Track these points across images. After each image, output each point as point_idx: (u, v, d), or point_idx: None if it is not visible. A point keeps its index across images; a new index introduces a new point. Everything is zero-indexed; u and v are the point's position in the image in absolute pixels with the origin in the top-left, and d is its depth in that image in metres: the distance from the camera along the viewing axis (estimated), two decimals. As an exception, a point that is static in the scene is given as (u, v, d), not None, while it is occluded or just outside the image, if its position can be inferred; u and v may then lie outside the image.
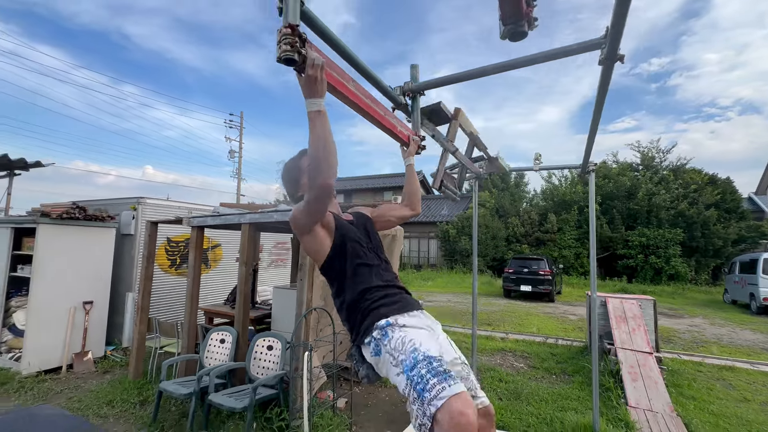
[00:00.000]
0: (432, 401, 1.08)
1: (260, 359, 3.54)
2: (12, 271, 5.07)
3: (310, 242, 1.37)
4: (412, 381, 1.16)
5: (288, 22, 0.95)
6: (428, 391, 1.10)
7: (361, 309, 1.38)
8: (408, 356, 1.21)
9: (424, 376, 1.14)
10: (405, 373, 1.19)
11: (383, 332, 1.32)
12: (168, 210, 6.01)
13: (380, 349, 1.31)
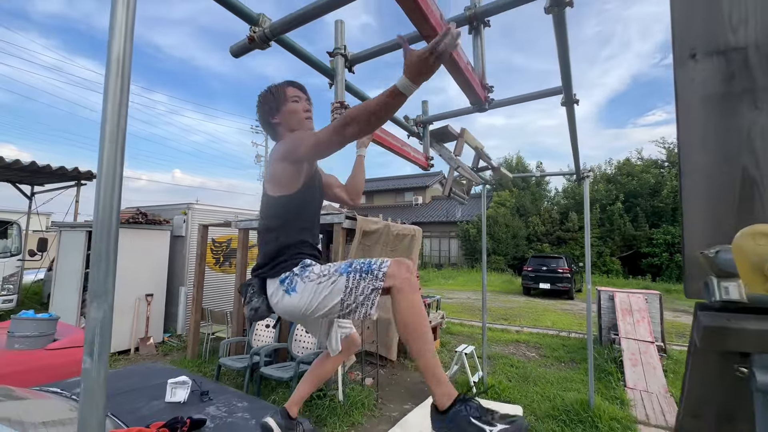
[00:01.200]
0: (380, 268, 1.19)
1: (300, 341, 4.18)
2: (87, 268, 5.96)
3: (289, 171, 1.34)
4: (354, 270, 1.21)
5: (338, 100, 1.53)
6: (374, 264, 1.20)
7: (289, 253, 1.35)
8: (339, 266, 1.26)
9: (363, 264, 1.23)
10: (343, 273, 1.22)
11: (303, 268, 1.31)
12: (213, 214, 6.79)
13: (297, 283, 1.29)
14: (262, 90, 1.54)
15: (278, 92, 1.51)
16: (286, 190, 1.37)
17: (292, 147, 1.30)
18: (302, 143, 1.26)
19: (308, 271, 1.30)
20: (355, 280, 1.20)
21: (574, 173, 3.80)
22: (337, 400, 3.65)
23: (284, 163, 1.34)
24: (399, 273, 1.18)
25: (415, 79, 0.95)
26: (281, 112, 1.49)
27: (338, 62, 1.57)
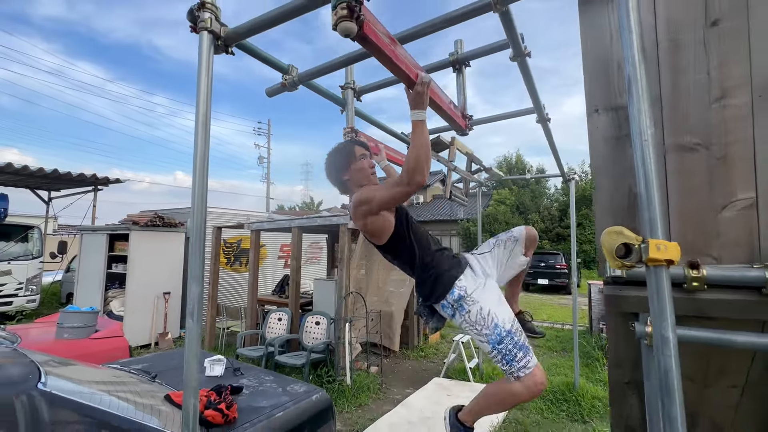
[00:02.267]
0: (521, 369, 1.37)
1: (310, 332, 4.56)
2: (108, 269, 6.36)
3: (375, 221, 1.50)
4: (501, 353, 1.40)
5: (349, 125, 1.90)
6: (517, 362, 1.38)
7: (429, 273, 1.55)
8: (492, 332, 1.43)
9: (511, 350, 1.40)
10: (492, 345, 1.42)
11: (459, 305, 1.49)
12: (225, 216, 7.18)
13: (457, 317, 1.51)
14: (331, 150, 1.70)
15: (348, 152, 1.65)
16: (386, 233, 1.54)
17: (365, 207, 1.48)
18: (370, 204, 1.47)
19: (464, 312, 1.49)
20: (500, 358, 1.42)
21: (561, 176, 4.16)
22: (345, 384, 4.03)
23: (366, 219, 1.51)
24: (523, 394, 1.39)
25: (417, 108, 1.32)
26: (350, 170, 1.63)
27: (348, 94, 1.94)
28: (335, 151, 1.69)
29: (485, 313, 1.47)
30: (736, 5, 1.01)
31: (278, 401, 1.99)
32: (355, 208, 1.53)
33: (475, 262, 1.71)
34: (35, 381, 1.27)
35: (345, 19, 0.92)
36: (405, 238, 1.56)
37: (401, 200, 1.47)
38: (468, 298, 1.50)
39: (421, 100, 1.31)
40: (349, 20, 0.93)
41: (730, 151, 1.04)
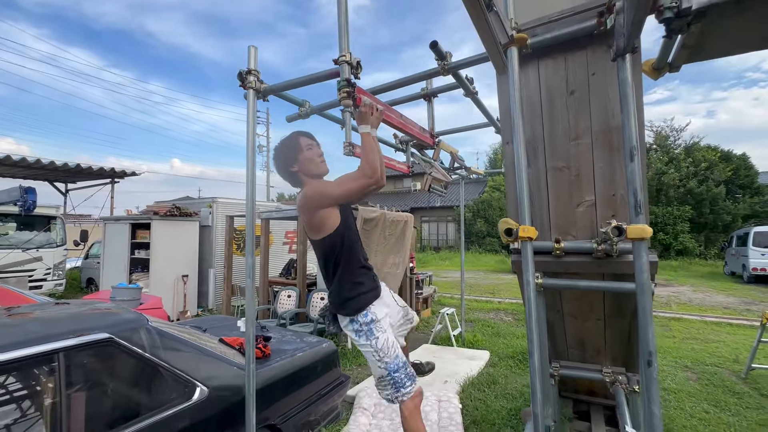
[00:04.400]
0: (405, 394, 1.67)
1: (316, 306, 5.28)
2: (131, 254, 7.04)
3: (322, 215, 1.57)
4: (394, 380, 1.66)
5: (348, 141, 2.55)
6: (404, 387, 1.67)
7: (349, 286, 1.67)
8: (392, 360, 1.66)
9: (402, 379, 1.67)
10: (389, 371, 1.65)
11: (369, 328, 1.65)
12: (235, 207, 7.83)
13: (363, 340, 1.68)
14: (278, 144, 1.81)
15: (293, 144, 1.73)
16: (326, 229, 1.62)
17: (317, 201, 1.58)
18: (324, 198, 1.57)
19: (373, 338, 1.64)
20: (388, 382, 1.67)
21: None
22: (347, 348, 4.76)
23: (316, 211, 1.60)
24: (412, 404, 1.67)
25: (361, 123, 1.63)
26: (299, 161, 1.71)
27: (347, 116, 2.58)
28: (281, 145, 1.77)
29: (390, 343, 1.66)
30: (582, 83, 1.65)
31: (298, 346, 2.70)
32: (305, 200, 1.60)
33: (388, 294, 1.87)
34: (146, 320, 1.95)
35: (345, 98, 1.57)
36: (338, 244, 1.63)
37: (358, 194, 1.55)
38: (378, 324, 1.65)
39: (363, 118, 1.60)
40: (347, 98, 1.57)
41: (581, 171, 1.70)
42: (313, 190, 1.60)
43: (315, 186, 1.63)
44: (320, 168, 1.74)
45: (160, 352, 1.86)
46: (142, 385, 1.86)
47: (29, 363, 1.49)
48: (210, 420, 1.91)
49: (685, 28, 1.39)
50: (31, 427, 1.45)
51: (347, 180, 1.57)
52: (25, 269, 7.84)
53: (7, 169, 7.96)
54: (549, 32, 1.62)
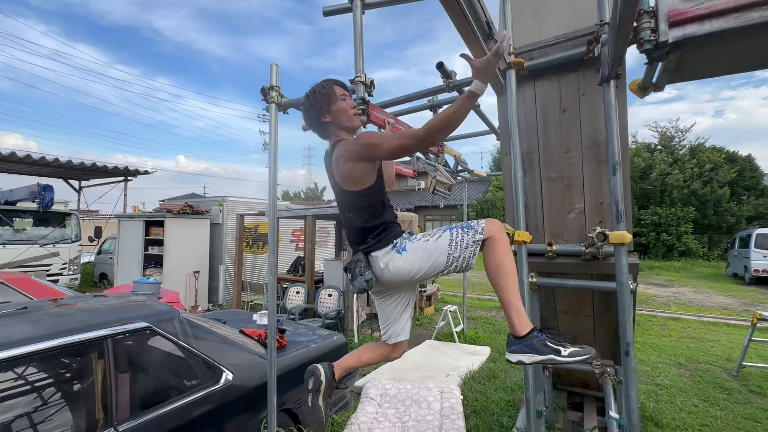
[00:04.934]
0: (479, 224, 1.41)
1: (324, 302, 5.49)
2: (145, 250, 7.29)
3: (366, 168, 1.44)
4: (457, 228, 1.43)
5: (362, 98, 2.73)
6: (473, 222, 1.42)
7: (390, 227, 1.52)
8: (441, 229, 1.46)
9: (462, 223, 1.46)
10: (445, 230, 1.44)
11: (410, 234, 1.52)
12: (244, 205, 8.05)
13: (406, 244, 1.45)
14: (308, 91, 1.62)
15: (327, 92, 1.56)
16: (366, 182, 1.47)
17: (370, 148, 1.40)
18: (381, 146, 1.38)
19: (414, 237, 1.49)
20: (458, 235, 1.40)
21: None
22: (354, 342, 4.97)
23: (358, 162, 1.43)
24: (494, 227, 1.41)
25: (485, 80, 1.24)
26: (332, 111, 1.55)
27: (357, 126, 2.76)
28: (313, 92, 1.60)
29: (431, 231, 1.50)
30: (574, 102, 1.83)
31: (311, 338, 2.91)
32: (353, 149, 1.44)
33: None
34: (178, 312, 2.16)
35: (360, 114, 1.76)
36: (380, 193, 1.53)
37: (408, 151, 1.42)
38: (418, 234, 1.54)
39: (490, 69, 1.24)
40: (362, 115, 1.76)
41: (572, 181, 1.88)
42: (364, 142, 1.43)
43: (370, 136, 1.48)
44: (353, 121, 1.61)
45: (191, 340, 2.07)
46: (177, 369, 2.07)
47: (84, 347, 1.71)
48: (235, 402, 2.12)
49: (664, 57, 1.57)
50: (86, 401, 1.66)
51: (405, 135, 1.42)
52: (43, 264, 8.12)
53: (25, 167, 8.24)
54: (544, 56, 1.80)
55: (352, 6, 1.82)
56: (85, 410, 1.65)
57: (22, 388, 1.58)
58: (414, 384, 3.70)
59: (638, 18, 1.49)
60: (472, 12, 1.39)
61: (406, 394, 3.50)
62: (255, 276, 7.94)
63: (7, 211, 8.00)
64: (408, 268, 1.45)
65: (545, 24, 1.91)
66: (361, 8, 1.82)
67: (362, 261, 1.51)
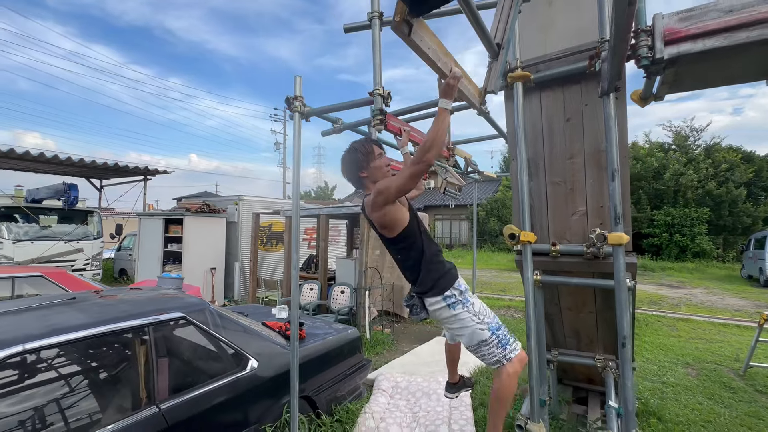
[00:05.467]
0: (512, 351, 1.68)
1: (336, 299, 5.68)
2: (164, 247, 7.58)
3: (392, 212, 1.58)
4: (498, 337, 1.66)
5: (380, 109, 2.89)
6: (509, 344, 1.68)
7: (436, 267, 1.67)
8: (492, 320, 1.71)
9: (506, 336, 1.72)
10: (491, 331, 1.66)
11: (464, 296, 1.67)
12: (259, 204, 8.29)
13: (459, 307, 1.65)
14: (350, 148, 1.82)
15: (367, 150, 1.76)
16: (400, 223, 1.64)
17: (384, 196, 1.57)
18: (390, 189, 1.54)
19: (469, 304, 1.69)
20: (494, 343, 1.67)
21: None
22: (365, 338, 5.14)
23: (384, 208, 1.60)
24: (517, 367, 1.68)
25: (444, 97, 1.47)
26: (369, 168, 1.75)
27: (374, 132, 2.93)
28: (354, 149, 1.78)
29: (484, 306, 1.74)
30: (577, 111, 1.96)
31: (327, 331, 3.08)
32: (374, 199, 1.60)
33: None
34: (208, 304, 2.35)
35: (378, 124, 1.91)
36: (416, 234, 1.67)
37: (415, 180, 1.53)
38: (469, 292, 1.72)
39: (450, 91, 1.46)
40: (380, 125, 1.91)
41: (575, 186, 2.01)
42: (380, 188, 1.59)
43: (381, 183, 1.62)
44: (386, 176, 1.76)
45: (220, 330, 2.26)
46: (208, 356, 2.26)
47: (129, 333, 1.90)
48: (260, 387, 2.30)
49: (661, 71, 1.69)
50: (132, 381, 1.86)
51: (399, 173, 1.60)
52: (68, 259, 8.48)
53: (51, 167, 8.61)
54: (549, 69, 1.93)
55: (371, 24, 1.97)
56: (131, 390, 1.84)
57: (77, 368, 1.79)
58: (424, 377, 3.85)
59: (636, 36, 1.62)
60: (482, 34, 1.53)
61: (417, 386, 3.65)
62: (269, 273, 8.17)
63: (34, 209, 8.38)
64: (451, 323, 1.72)
65: (551, 38, 2.04)
66: (378, 26, 1.97)
67: (417, 305, 1.77)
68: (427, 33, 1.24)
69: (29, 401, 1.59)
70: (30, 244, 8.04)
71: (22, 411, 1.55)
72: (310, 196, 36.05)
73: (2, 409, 1.50)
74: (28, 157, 7.35)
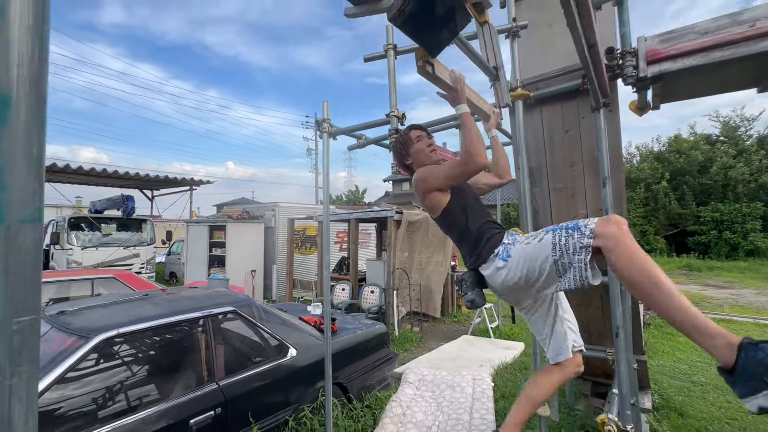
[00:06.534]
0: (587, 225, 1.21)
1: (367, 298, 6.01)
2: (209, 252, 8.25)
3: (430, 197, 1.58)
4: (560, 228, 1.27)
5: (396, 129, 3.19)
6: (581, 222, 1.24)
7: (484, 236, 1.51)
8: (543, 231, 1.34)
9: (569, 223, 1.28)
10: (549, 231, 1.30)
11: (510, 236, 1.49)
12: (293, 210, 8.82)
13: (510, 250, 1.41)
14: (394, 141, 1.89)
15: (405, 139, 1.80)
16: (441, 206, 1.60)
17: (425, 186, 1.59)
18: (428, 182, 1.57)
19: (516, 239, 1.46)
20: (562, 237, 1.24)
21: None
22: (394, 335, 5.43)
23: (429, 194, 1.60)
24: (606, 230, 1.15)
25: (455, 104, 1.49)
26: (411, 155, 1.78)
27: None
28: (396, 142, 1.87)
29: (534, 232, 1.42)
30: (574, 124, 2.15)
31: (357, 326, 3.40)
32: (416, 185, 1.63)
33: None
34: (254, 300, 2.74)
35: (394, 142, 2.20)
36: (455, 212, 1.60)
37: (459, 179, 1.53)
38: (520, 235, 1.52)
39: (458, 96, 1.47)
40: (396, 143, 2.20)
41: (575, 191, 2.20)
42: (420, 176, 1.63)
43: (422, 171, 1.64)
44: (430, 158, 1.77)
45: (264, 322, 2.64)
46: (255, 344, 2.64)
47: (191, 322, 2.31)
48: (299, 372, 2.65)
49: (648, 87, 1.87)
50: (196, 362, 2.26)
51: (450, 166, 1.58)
52: (126, 264, 9.41)
53: (110, 180, 9.60)
54: (548, 87, 2.15)
55: (386, 55, 2.27)
56: (196, 369, 2.24)
57: (156, 348, 2.21)
58: (449, 372, 4.08)
59: (622, 57, 1.82)
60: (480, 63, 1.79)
61: (442, 379, 3.89)
62: (304, 274, 8.67)
63: (97, 218, 9.38)
64: (512, 275, 1.37)
65: (551, 57, 2.25)
66: (393, 56, 2.26)
67: (467, 280, 1.58)
68: (442, 66, 1.49)
69: (122, 374, 2.02)
70: (95, 250, 9.01)
71: (116, 381, 1.97)
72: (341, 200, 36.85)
73: (104, 377, 1.93)
74: (93, 173, 8.29)
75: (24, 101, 0.40)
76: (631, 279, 1.08)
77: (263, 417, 2.32)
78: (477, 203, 1.70)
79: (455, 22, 1.19)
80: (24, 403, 0.39)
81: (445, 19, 1.15)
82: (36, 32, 0.41)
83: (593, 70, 1.50)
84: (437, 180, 1.56)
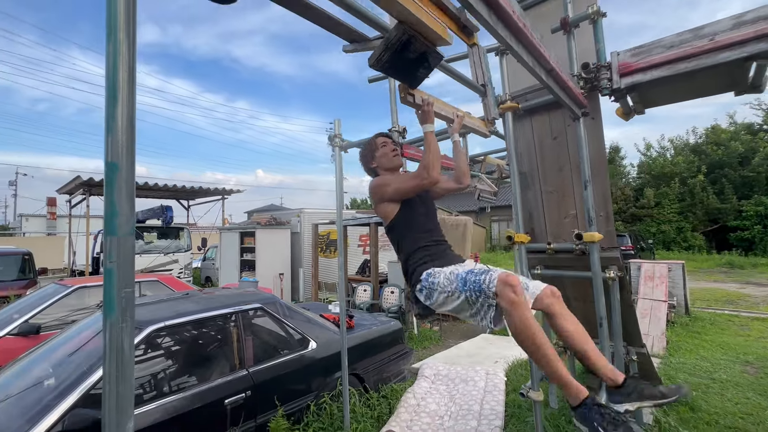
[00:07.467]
0: (489, 286, 1.35)
1: (387, 299, 6.27)
2: (241, 257, 8.78)
3: (387, 208, 1.67)
4: (470, 289, 1.40)
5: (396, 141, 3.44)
6: (483, 284, 1.37)
7: (411, 264, 1.65)
8: (457, 282, 1.46)
9: (474, 280, 1.41)
10: (462, 292, 1.42)
11: (429, 281, 1.54)
12: (318, 215, 9.23)
13: (432, 294, 1.53)
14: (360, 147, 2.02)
15: (370, 144, 1.91)
16: (389, 217, 1.71)
17: (379, 194, 1.70)
18: (383, 190, 1.68)
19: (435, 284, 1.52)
20: (472, 298, 1.41)
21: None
22: (414, 334, 5.66)
23: (382, 203, 1.71)
24: (505, 295, 1.31)
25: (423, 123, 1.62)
26: (376, 158, 1.86)
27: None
28: (363, 147, 1.99)
29: (447, 272, 1.53)
30: (561, 131, 2.33)
31: (373, 322, 3.67)
32: (370, 193, 1.74)
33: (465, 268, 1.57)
34: (279, 298, 3.06)
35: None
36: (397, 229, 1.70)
37: (413, 191, 1.64)
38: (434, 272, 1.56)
39: (426, 117, 1.61)
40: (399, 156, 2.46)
41: (565, 193, 2.37)
42: (374, 185, 1.73)
43: (376, 180, 1.75)
44: (393, 162, 1.86)
45: (288, 318, 2.95)
46: (279, 336, 2.96)
47: (224, 317, 2.66)
48: (319, 363, 2.94)
49: (624, 96, 2.04)
50: (229, 351, 2.60)
51: (404, 179, 1.69)
52: (166, 269, 10.15)
53: (151, 192, 10.40)
54: (535, 98, 2.34)
55: (387, 76, 2.54)
56: (228, 357, 2.58)
57: (195, 339, 2.56)
58: (464, 367, 4.26)
59: (598, 70, 2.01)
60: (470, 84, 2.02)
61: (456, 374, 4.08)
62: (329, 277, 9.04)
63: (140, 228, 10.17)
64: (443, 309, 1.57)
65: (539, 70, 2.43)
66: (394, 77, 2.53)
67: (412, 299, 1.71)
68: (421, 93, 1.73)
69: (167, 361, 2.38)
70: (138, 257, 9.77)
71: (164, 365, 2.33)
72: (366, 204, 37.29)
73: (151, 364, 2.30)
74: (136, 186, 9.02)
75: (125, 164, 0.69)
76: (519, 339, 1.36)
77: (287, 401, 2.62)
78: (424, 219, 1.76)
79: (428, 63, 1.44)
80: (129, 339, 0.68)
81: (418, 61, 1.40)
82: (128, 115, 0.70)
83: (560, 89, 1.70)
84: (389, 189, 1.67)
